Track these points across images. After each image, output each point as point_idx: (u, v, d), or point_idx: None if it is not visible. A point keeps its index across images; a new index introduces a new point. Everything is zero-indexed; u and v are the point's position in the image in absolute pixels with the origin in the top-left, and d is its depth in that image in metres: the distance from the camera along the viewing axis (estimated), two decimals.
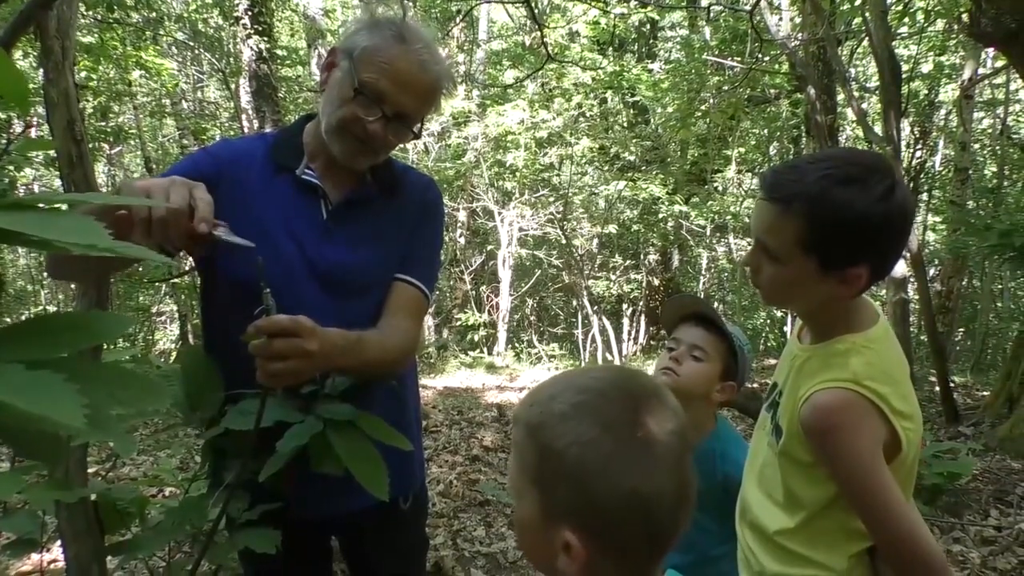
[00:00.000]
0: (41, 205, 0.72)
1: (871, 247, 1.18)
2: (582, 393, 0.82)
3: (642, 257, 13.74)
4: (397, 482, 1.40)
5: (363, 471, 1.28)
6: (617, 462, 0.78)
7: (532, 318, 15.24)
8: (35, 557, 1.88)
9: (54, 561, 2.56)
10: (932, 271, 12.42)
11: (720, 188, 12.49)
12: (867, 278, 1.20)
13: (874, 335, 1.27)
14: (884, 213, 1.15)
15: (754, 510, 1.42)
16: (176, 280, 10.14)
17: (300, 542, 1.59)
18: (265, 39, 8.30)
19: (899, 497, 1.19)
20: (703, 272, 14.15)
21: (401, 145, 1.61)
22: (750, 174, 13.57)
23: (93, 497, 1.55)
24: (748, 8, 6.22)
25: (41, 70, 1.52)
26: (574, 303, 13.95)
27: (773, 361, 10.69)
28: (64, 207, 0.75)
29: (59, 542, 1.60)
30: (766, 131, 12.93)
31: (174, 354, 11.21)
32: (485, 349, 12.85)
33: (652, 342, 13.25)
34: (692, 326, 1.82)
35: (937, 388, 6.81)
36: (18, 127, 8.24)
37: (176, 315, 12.64)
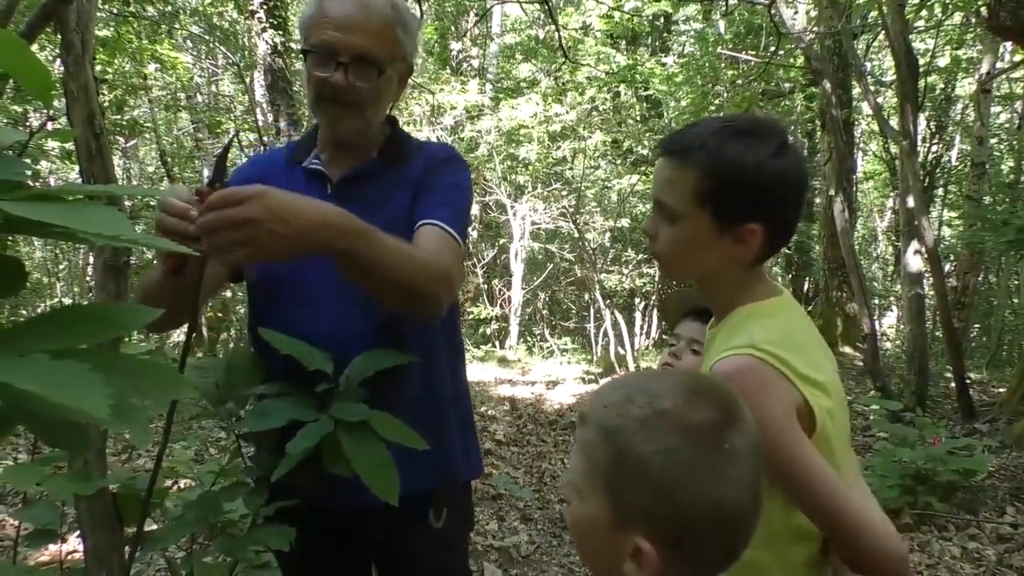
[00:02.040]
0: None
1: (764, 202, 1.17)
2: (661, 399, 0.80)
3: None
4: (421, 475, 1.41)
5: (372, 474, 1.26)
6: (702, 473, 0.77)
7: (544, 312, 15.23)
8: (53, 548, 1.89)
9: (72, 552, 2.58)
10: (948, 266, 12.33)
11: None
12: (762, 238, 1.18)
13: (775, 303, 1.24)
14: (778, 168, 1.15)
15: None
16: None
17: (331, 536, 1.57)
18: (280, 33, 8.30)
19: (820, 464, 1.10)
20: None
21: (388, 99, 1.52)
22: None
23: (113, 488, 1.56)
24: (766, 2, 6.18)
25: (58, 63, 1.53)
26: (586, 297, 13.92)
27: None
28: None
29: (76, 533, 1.61)
30: None
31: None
32: (497, 343, 12.85)
33: (664, 336, 13.21)
34: (691, 321, 1.82)
35: (953, 384, 6.78)
36: (34, 120, 8.30)
37: None
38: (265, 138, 8.34)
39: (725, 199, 1.16)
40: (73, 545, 2.61)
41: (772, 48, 9.88)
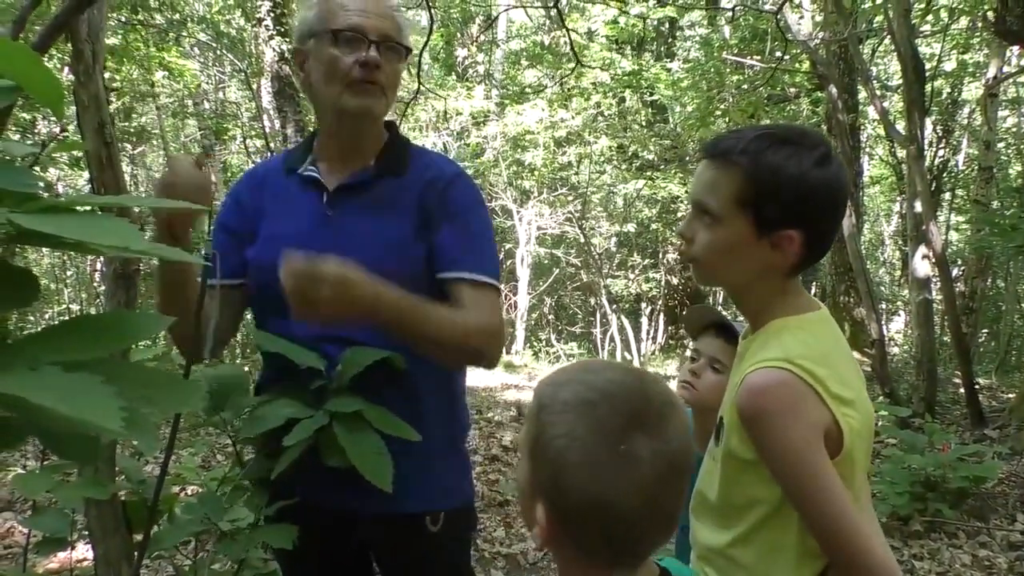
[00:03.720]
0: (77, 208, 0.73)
1: (805, 210, 1.17)
2: (591, 390, 0.85)
3: (661, 256, 13.68)
4: (416, 495, 1.43)
5: (366, 463, 1.30)
6: (592, 468, 0.81)
7: (550, 317, 15.22)
8: (62, 555, 1.90)
9: (82, 560, 2.58)
10: (955, 271, 12.28)
11: None
12: (800, 246, 1.17)
13: (811, 318, 1.24)
14: (820, 177, 1.16)
15: (694, 534, 1.34)
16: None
17: (326, 534, 1.57)
18: (287, 40, 8.32)
19: (840, 493, 1.10)
20: None
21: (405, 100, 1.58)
22: None
23: (122, 495, 1.57)
24: (773, 9, 6.18)
25: (67, 71, 1.55)
26: (592, 302, 13.92)
27: None
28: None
29: (85, 540, 1.61)
30: None
31: None
32: (503, 348, 12.84)
33: (671, 341, 13.19)
34: (712, 336, 1.80)
35: (962, 390, 6.74)
36: (42, 127, 8.34)
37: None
38: (272, 144, 8.36)
39: (767, 203, 1.16)
40: (82, 553, 2.62)
41: (778, 53, 9.87)
